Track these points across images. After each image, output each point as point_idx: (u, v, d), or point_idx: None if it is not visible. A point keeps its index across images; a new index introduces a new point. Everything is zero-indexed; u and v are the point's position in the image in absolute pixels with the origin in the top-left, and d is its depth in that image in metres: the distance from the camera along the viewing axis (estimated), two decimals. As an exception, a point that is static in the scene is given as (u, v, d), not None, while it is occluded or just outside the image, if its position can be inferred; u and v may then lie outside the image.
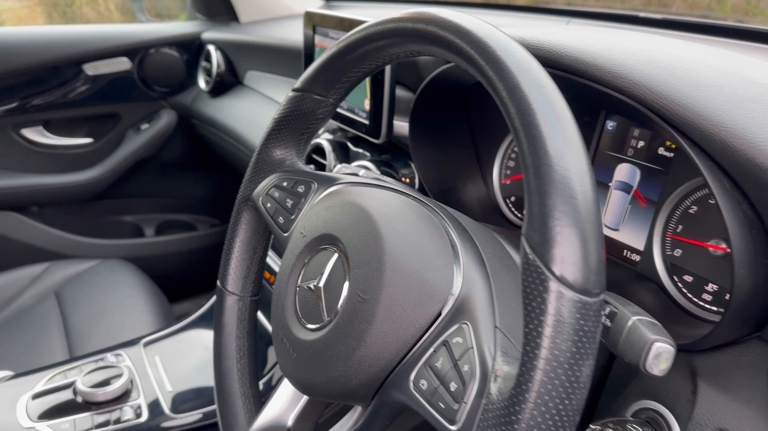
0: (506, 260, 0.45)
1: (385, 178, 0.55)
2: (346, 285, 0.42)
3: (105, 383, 0.77)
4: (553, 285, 0.29)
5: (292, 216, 0.52)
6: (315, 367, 0.42)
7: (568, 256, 0.29)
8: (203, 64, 1.37)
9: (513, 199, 0.70)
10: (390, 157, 0.79)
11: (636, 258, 0.56)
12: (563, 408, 0.29)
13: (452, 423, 0.34)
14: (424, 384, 0.37)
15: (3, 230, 1.36)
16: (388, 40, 0.45)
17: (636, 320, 0.40)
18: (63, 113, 1.40)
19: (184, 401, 0.79)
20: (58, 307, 1.15)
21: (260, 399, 0.56)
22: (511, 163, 0.70)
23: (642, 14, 0.91)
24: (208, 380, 0.83)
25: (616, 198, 0.58)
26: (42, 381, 0.80)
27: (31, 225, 1.39)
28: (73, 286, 1.20)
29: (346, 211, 0.45)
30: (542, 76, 0.34)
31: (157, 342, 0.90)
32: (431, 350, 0.38)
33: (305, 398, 0.51)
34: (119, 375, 0.78)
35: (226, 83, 1.34)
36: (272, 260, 0.96)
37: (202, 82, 1.38)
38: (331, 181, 0.52)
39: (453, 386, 0.35)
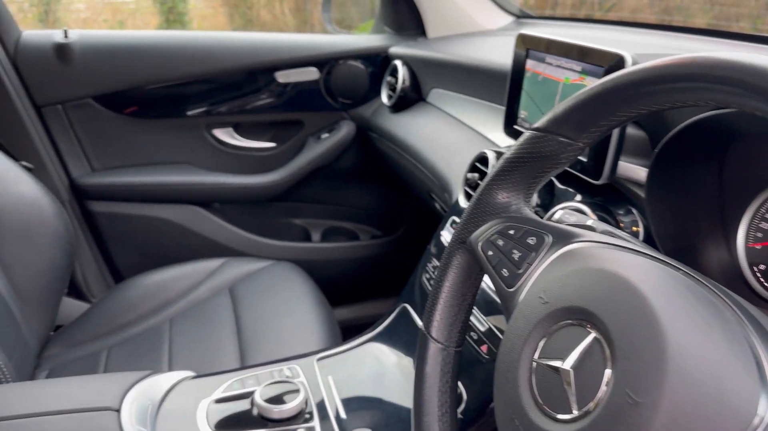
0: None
1: (634, 240, 0.47)
2: (609, 376, 0.35)
3: (281, 398, 0.77)
4: None
5: (520, 271, 0.46)
6: None
7: None
8: (388, 78, 1.37)
9: (763, 267, 0.59)
10: (605, 199, 0.71)
11: None
12: None
13: None
14: None
15: (188, 223, 1.45)
16: (686, 83, 0.38)
17: None
18: (252, 117, 1.47)
19: (359, 424, 0.77)
20: (232, 304, 1.19)
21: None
22: (765, 225, 0.59)
23: None
24: (384, 412, 0.80)
25: None
26: (222, 387, 0.82)
27: (212, 221, 1.47)
28: (246, 284, 1.24)
29: (604, 282, 0.38)
30: None
31: (331, 358, 0.89)
32: None
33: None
34: (295, 392, 0.77)
35: (409, 99, 1.32)
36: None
37: (384, 97, 1.38)
38: (570, 237, 0.45)
39: None
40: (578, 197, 0.73)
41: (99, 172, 1.42)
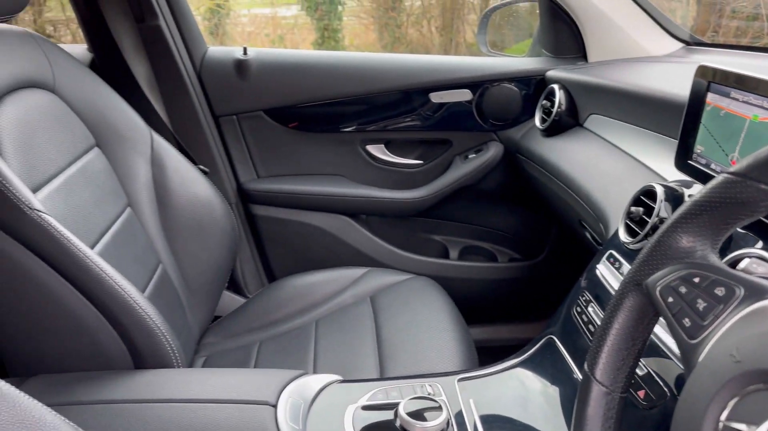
0: None
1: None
2: None
3: (423, 414, 0.78)
4: None
5: (705, 323, 0.44)
6: None
7: None
8: (543, 101, 1.35)
9: None
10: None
11: None
12: None
13: None
14: None
15: (337, 231, 1.53)
16: None
17: None
18: (403, 135, 1.52)
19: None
20: (372, 313, 1.23)
21: None
22: None
23: None
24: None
25: None
26: (367, 395, 0.85)
27: (358, 231, 1.54)
28: (387, 294, 1.28)
29: None
30: None
31: (472, 381, 0.89)
32: None
33: None
34: (437, 409, 0.78)
35: (564, 124, 1.29)
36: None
37: (537, 120, 1.36)
38: (766, 292, 0.42)
39: None
40: (759, 243, 0.68)
41: (263, 178, 1.54)
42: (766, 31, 2.15)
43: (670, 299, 0.47)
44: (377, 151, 1.53)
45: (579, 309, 0.90)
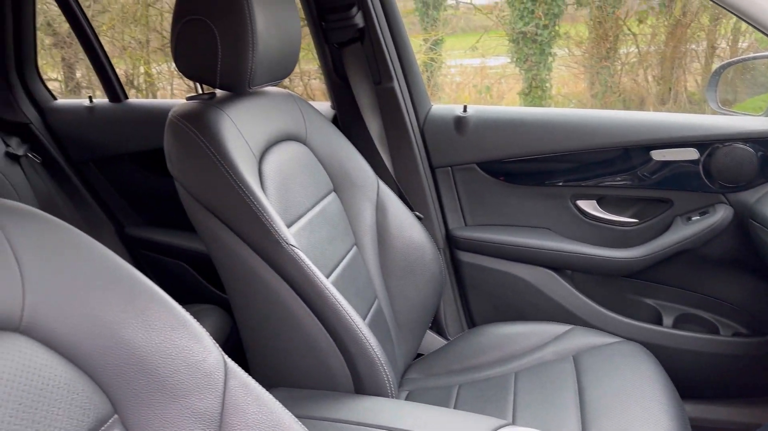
0: None
1: None
2: None
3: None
4: None
5: None
6: None
7: None
8: (786, 164, 1.23)
9: None
10: None
11: None
12: None
13: None
14: None
15: (539, 284, 1.54)
16: None
17: None
18: (617, 192, 1.49)
19: None
20: (575, 372, 1.21)
21: None
22: None
23: None
24: None
25: None
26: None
27: (562, 286, 1.52)
28: (592, 356, 1.25)
29: None
30: None
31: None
32: None
33: None
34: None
35: (810, 190, 1.16)
36: None
37: (779, 184, 1.25)
38: None
39: None
40: None
41: (471, 227, 1.61)
42: None
43: None
44: (588, 206, 1.52)
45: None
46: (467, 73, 6.33)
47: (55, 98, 2.01)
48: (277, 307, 1.00)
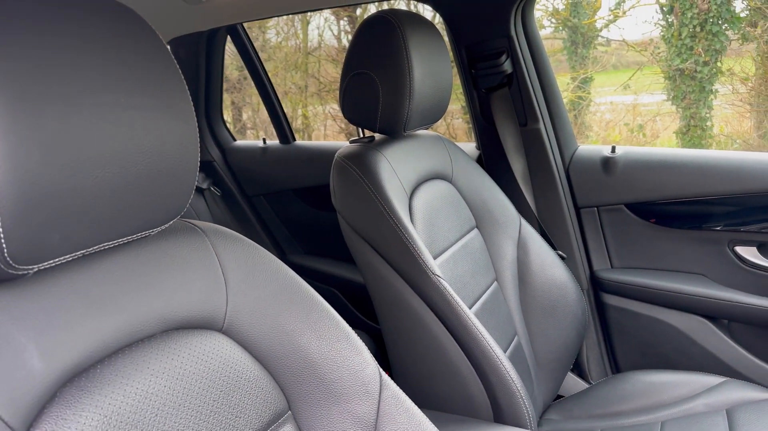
0: None
1: None
2: None
3: None
4: None
5: None
6: None
7: None
8: None
9: None
10: None
11: None
12: None
13: None
14: None
15: (691, 332, 1.47)
16: None
17: None
18: (785, 239, 1.39)
19: None
20: (728, 427, 1.14)
21: None
22: None
23: None
24: None
25: None
26: None
27: (716, 335, 1.44)
28: (748, 411, 1.17)
29: None
30: None
31: None
32: None
33: None
34: None
35: None
36: None
37: None
38: None
39: None
40: None
41: (617, 269, 1.59)
42: None
43: None
44: (748, 253, 1.43)
45: None
46: (618, 110, 6.11)
47: (234, 139, 2.31)
48: (422, 333, 1.07)
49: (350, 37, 6.24)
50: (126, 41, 0.54)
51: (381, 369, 0.77)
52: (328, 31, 5.99)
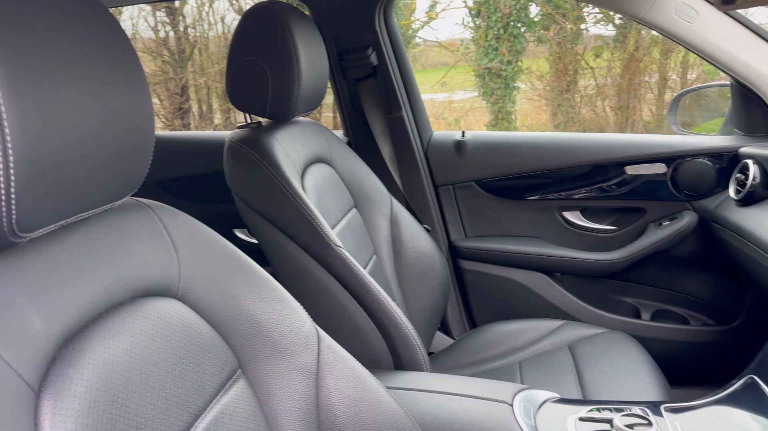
0: None
1: None
2: None
3: (636, 428, 0.94)
4: None
5: None
6: None
7: None
8: (737, 175, 1.47)
9: None
10: None
11: None
12: None
13: None
14: None
15: (533, 286, 1.74)
16: None
17: None
18: (598, 203, 1.71)
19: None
20: (572, 359, 1.40)
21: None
22: None
23: None
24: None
25: None
26: (584, 410, 1.03)
27: (553, 287, 1.73)
28: (585, 344, 1.44)
29: None
30: None
31: (678, 412, 1.03)
32: None
33: None
34: (648, 425, 0.94)
35: (758, 195, 1.40)
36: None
37: (732, 191, 1.48)
38: None
39: None
40: None
41: (471, 238, 1.81)
42: None
43: None
44: (573, 217, 1.73)
45: (781, 352, 1.00)
46: (436, 106, 6.64)
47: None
48: (328, 300, 1.16)
49: (169, 28, 5.94)
50: (82, 15, 0.56)
51: (317, 326, 0.85)
52: (143, 22, 5.68)
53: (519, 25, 5.71)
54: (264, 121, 1.31)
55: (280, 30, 1.18)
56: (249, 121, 1.30)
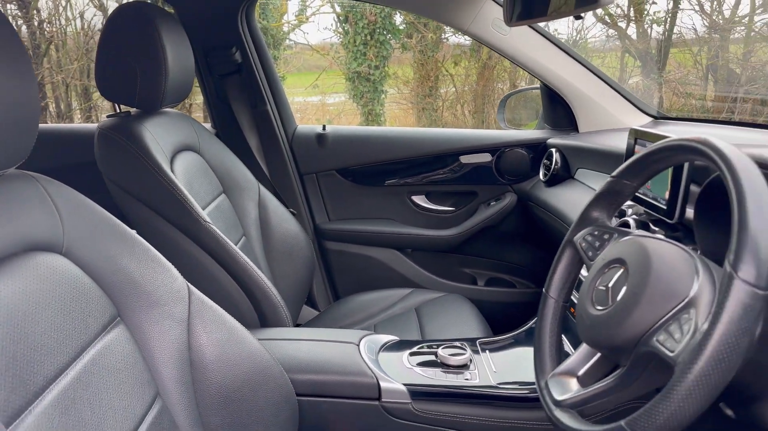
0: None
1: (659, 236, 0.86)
2: (625, 287, 0.74)
3: (454, 354, 1.18)
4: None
5: (598, 252, 0.87)
6: (601, 331, 0.75)
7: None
8: (544, 161, 1.80)
9: None
10: (681, 235, 1.06)
11: None
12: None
13: (672, 352, 0.64)
14: (662, 339, 0.67)
15: (388, 261, 1.98)
16: (673, 152, 0.78)
17: None
18: (439, 188, 1.99)
19: (502, 378, 1.16)
20: (417, 318, 1.64)
21: (561, 357, 0.90)
22: None
23: None
24: (523, 371, 1.18)
25: None
26: (416, 346, 1.26)
27: (405, 261, 1.98)
28: (428, 306, 1.69)
29: (633, 248, 0.78)
30: (762, 187, 0.63)
31: (489, 344, 1.30)
32: (668, 323, 0.68)
33: (595, 358, 0.83)
34: (463, 353, 1.19)
35: (560, 177, 1.73)
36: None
37: (541, 175, 1.81)
38: (626, 234, 0.85)
39: (677, 336, 0.65)
40: (663, 233, 1.09)
41: (333, 221, 2.02)
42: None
43: (583, 243, 0.90)
44: (420, 200, 2.00)
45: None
46: (309, 109, 6.81)
47: None
48: (197, 270, 1.30)
49: (21, 22, 5.60)
50: None
51: (187, 282, 1.00)
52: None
53: (384, 32, 6.04)
54: (133, 111, 1.42)
55: (147, 27, 1.31)
56: (119, 110, 1.40)
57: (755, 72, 5.17)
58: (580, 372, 0.84)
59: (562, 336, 0.98)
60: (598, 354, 0.83)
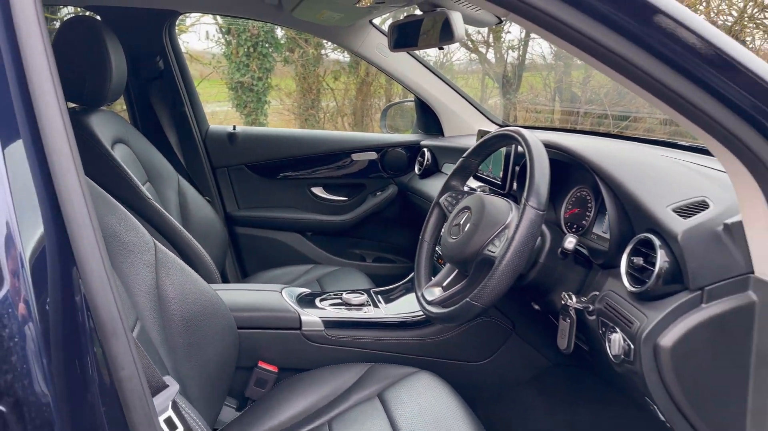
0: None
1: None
2: (469, 223, 1.17)
3: (356, 297, 1.57)
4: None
5: (455, 207, 1.30)
6: (455, 252, 1.18)
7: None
8: (419, 158, 2.26)
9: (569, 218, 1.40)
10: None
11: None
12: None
13: (494, 253, 1.08)
14: (491, 248, 1.11)
15: (292, 243, 2.32)
16: (499, 139, 1.24)
17: None
18: (334, 181, 2.37)
19: (390, 311, 1.56)
20: (320, 286, 2.01)
21: (430, 278, 1.32)
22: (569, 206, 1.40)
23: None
24: (406, 305, 1.59)
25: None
26: (325, 294, 1.62)
27: (305, 243, 2.34)
28: (328, 277, 2.06)
29: (475, 199, 1.22)
30: (543, 153, 1.09)
31: (379, 292, 1.70)
32: (494, 239, 1.11)
33: (453, 273, 1.25)
34: (361, 296, 1.58)
35: (431, 170, 2.19)
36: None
37: (416, 169, 2.26)
38: (472, 193, 1.29)
39: (497, 244, 1.09)
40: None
41: (243, 209, 2.33)
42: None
43: (445, 203, 1.33)
44: (318, 191, 2.37)
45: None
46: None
47: None
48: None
49: None
50: None
51: (153, 238, 1.30)
52: None
53: (267, 45, 6.33)
54: (75, 107, 1.66)
55: (94, 34, 1.57)
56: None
57: (593, 95, 6.13)
58: (444, 283, 1.27)
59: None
60: (456, 271, 1.26)
